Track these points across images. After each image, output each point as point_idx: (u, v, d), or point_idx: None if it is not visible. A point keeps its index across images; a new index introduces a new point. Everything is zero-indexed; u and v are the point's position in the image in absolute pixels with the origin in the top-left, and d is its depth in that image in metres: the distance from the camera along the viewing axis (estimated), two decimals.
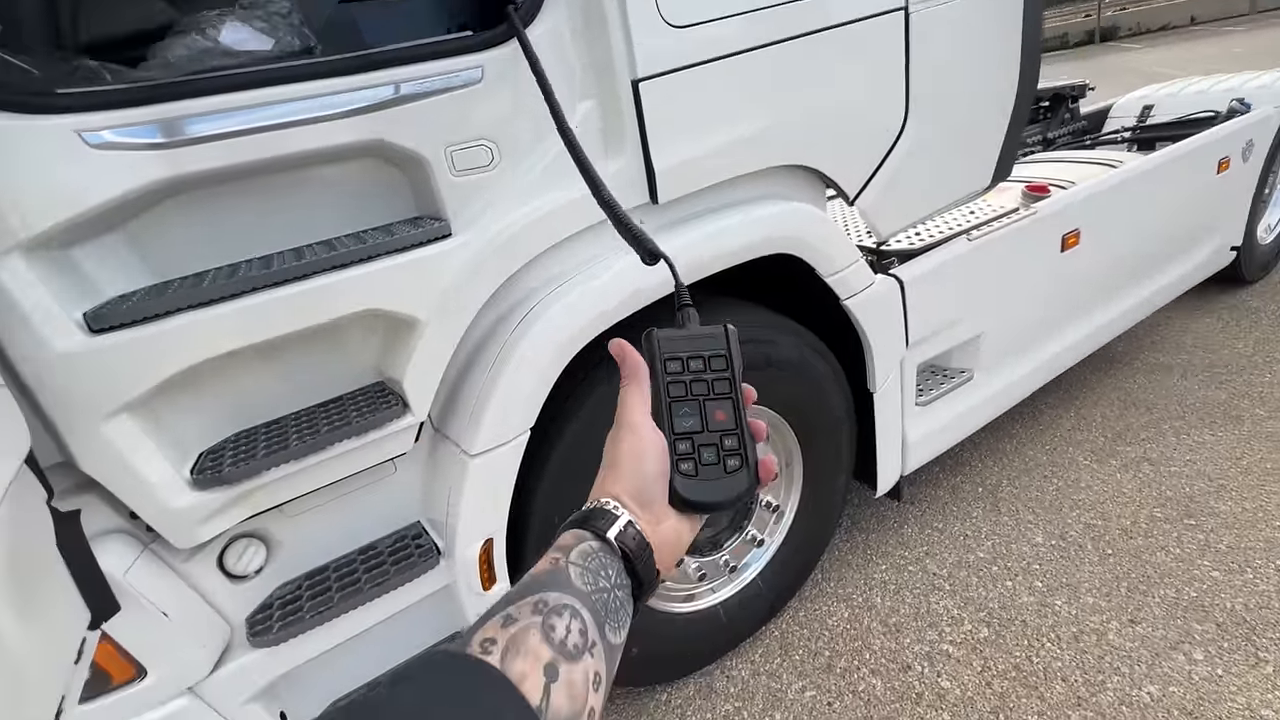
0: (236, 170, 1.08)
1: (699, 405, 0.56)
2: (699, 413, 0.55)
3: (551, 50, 1.26)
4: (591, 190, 0.84)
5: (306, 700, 1.40)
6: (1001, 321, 2.19)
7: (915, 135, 1.72)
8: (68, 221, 0.98)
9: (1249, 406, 2.65)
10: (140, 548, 1.16)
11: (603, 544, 0.48)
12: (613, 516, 0.49)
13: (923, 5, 1.61)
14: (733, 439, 0.55)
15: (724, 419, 0.55)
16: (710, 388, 0.56)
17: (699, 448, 0.54)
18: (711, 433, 0.55)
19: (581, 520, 0.50)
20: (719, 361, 0.57)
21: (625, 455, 0.52)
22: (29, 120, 0.95)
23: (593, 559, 0.47)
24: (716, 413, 0.55)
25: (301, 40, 1.20)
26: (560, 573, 0.45)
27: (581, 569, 0.45)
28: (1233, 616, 1.80)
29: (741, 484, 0.53)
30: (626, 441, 0.53)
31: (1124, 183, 2.46)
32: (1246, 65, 3.61)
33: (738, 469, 0.54)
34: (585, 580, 0.45)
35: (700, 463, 0.54)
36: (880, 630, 1.98)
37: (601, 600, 0.45)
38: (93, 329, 1.01)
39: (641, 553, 0.49)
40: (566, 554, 0.46)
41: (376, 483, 1.42)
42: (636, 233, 0.70)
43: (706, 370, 0.57)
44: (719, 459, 0.54)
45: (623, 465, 0.52)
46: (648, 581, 0.50)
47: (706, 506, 0.54)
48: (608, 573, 0.47)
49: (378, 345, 1.31)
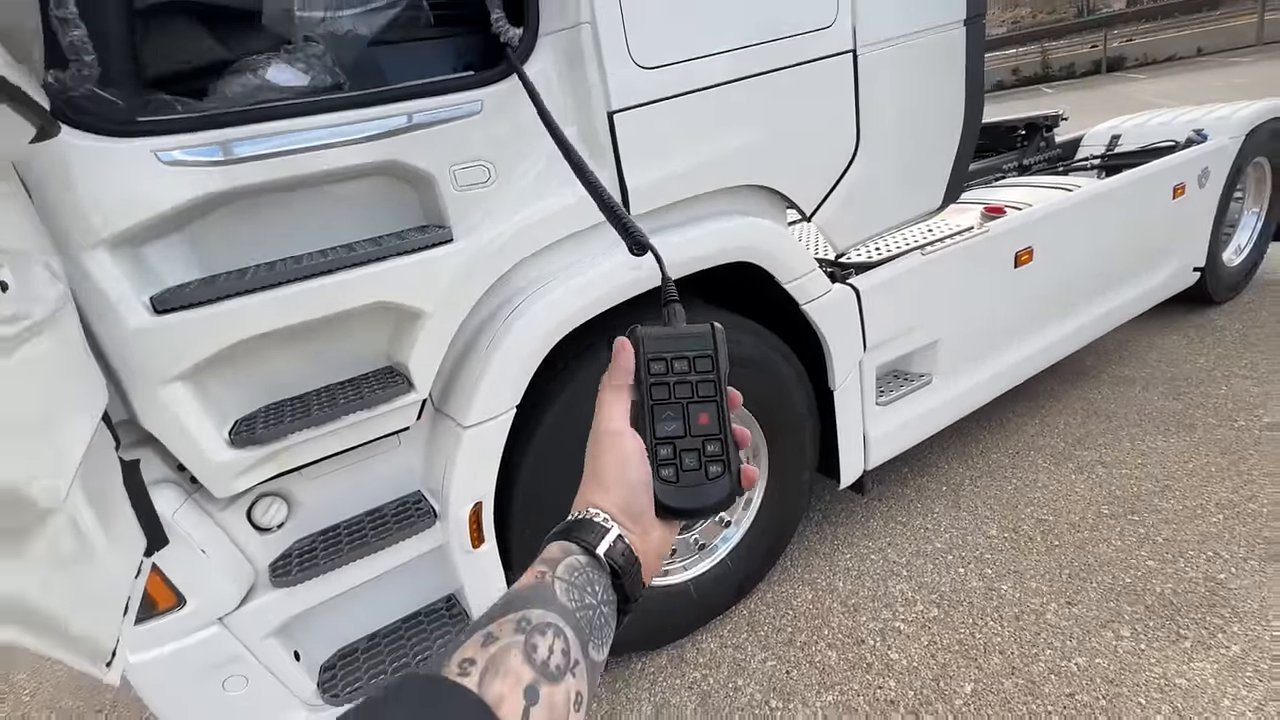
0: (277, 184, 1.32)
1: (682, 409, 0.53)
2: (681, 416, 0.53)
3: (541, 86, 1.49)
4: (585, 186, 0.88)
5: (318, 643, 1.61)
6: (957, 330, 2.39)
7: (866, 161, 1.94)
8: (142, 223, 1.22)
9: (1202, 416, 2.82)
10: (185, 495, 1.38)
11: (590, 559, 0.46)
12: (602, 530, 0.48)
13: (869, 49, 1.84)
14: (715, 444, 0.53)
15: (707, 423, 0.53)
16: (694, 390, 0.54)
17: (680, 453, 0.52)
18: (694, 437, 0.53)
19: (567, 531, 0.48)
20: (704, 363, 0.55)
21: (609, 465, 0.50)
22: (115, 142, 1.20)
23: (579, 574, 0.45)
24: (700, 416, 0.53)
25: (333, 78, 1.44)
26: (545, 588, 0.43)
27: (567, 584, 0.44)
28: (1161, 599, 1.96)
29: (723, 490, 0.52)
30: (609, 450, 0.51)
31: (1077, 205, 2.67)
32: (1248, 96, 3.82)
33: (719, 475, 0.52)
34: (570, 597, 0.43)
35: (681, 468, 0.52)
36: (840, 610, 2.16)
37: (586, 617, 0.43)
38: (157, 310, 1.24)
39: (630, 568, 0.48)
40: (553, 568, 0.45)
41: (383, 454, 1.64)
42: (627, 224, 0.69)
43: (691, 371, 0.54)
44: (700, 464, 0.52)
45: (607, 476, 0.50)
46: (634, 597, 0.48)
47: (686, 514, 0.53)
48: (594, 589, 0.45)
49: (388, 333, 1.53)
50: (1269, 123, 3.39)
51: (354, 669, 1.59)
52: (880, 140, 1.95)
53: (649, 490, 0.51)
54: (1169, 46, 23.69)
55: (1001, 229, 2.43)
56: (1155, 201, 2.97)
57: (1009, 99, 20.90)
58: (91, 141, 1.16)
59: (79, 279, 1.16)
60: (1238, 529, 2.18)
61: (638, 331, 0.56)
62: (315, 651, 1.61)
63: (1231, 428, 2.70)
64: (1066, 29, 30.90)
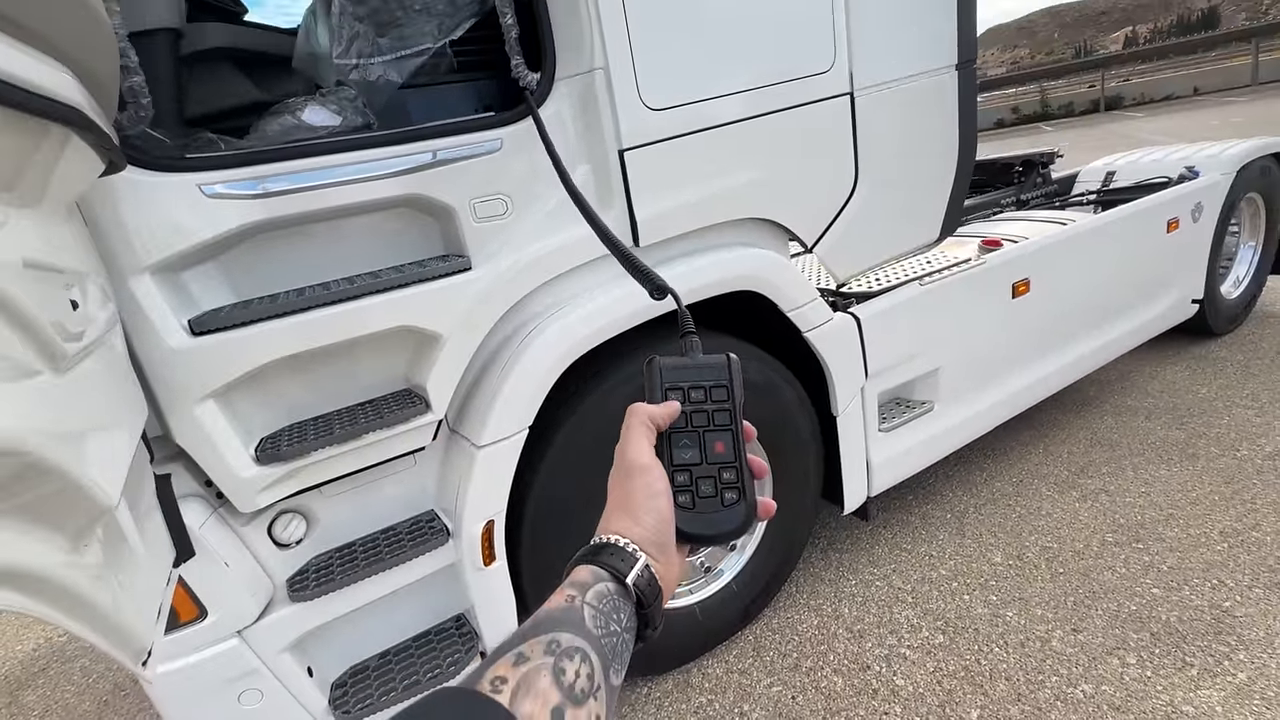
0: (310, 216, 1.41)
1: (698, 436, 0.55)
2: (698, 444, 0.55)
3: (556, 126, 1.60)
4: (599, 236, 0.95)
5: (331, 660, 1.64)
6: (957, 358, 2.44)
7: (865, 196, 2.03)
8: (184, 251, 1.31)
9: (1205, 445, 2.84)
10: (211, 510, 1.44)
11: (619, 587, 0.48)
12: (632, 559, 0.49)
13: (865, 91, 1.95)
14: (731, 472, 0.54)
15: (723, 451, 0.55)
16: (710, 419, 0.55)
17: (697, 480, 0.54)
18: (710, 465, 0.54)
19: (594, 554, 0.50)
20: (720, 393, 0.56)
21: (640, 496, 0.52)
22: (164, 176, 1.29)
23: (607, 601, 0.47)
24: (716, 444, 0.55)
25: (363, 118, 1.55)
26: (575, 612, 0.45)
27: (595, 611, 0.46)
28: (1167, 627, 1.97)
29: (738, 518, 0.53)
30: (640, 482, 0.52)
31: (1072, 238, 2.75)
32: (1245, 134, 3.94)
33: (735, 502, 0.53)
34: (597, 623, 0.45)
35: (697, 495, 0.53)
36: (845, 636, 2.16)
37: (610, 644, 0.45)
38: (194, 332, 1.32)
39: (654, 598, 0.49)
40: (582, 593, 0.46)
41: (399, 474, 1.69)
42: (644, 270, 0.73)
43: (707, 401, 0.56)
44: (716, 492, 0.53)
45: (638, 507, 0.52)
46: (655, 624, 0.50)
47: (702, 539, 0.54)
48: (619, 616, 0.47)
49: (407, 356, 1.61)
50: (1259, 160, 3.48)
51: (365, 686, 1.61)
52: (878, 176, 2.05)
53: (673, 524, 0.52)
54: (1166, 86, 24.23)
55: (998, 261, 2.51)
56: (1149, 235, 3.04)
57: (1010, 136, 21.27)
58: (142, 176, 1.26)
59: (124, 301, 1.24)
60: (1242, 557, 2.18)
61: (656, 361, 0.58)
62: (328, 668, 1.64)
63: (1234, 457, 2.72)
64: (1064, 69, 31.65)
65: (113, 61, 0.81)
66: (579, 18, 1.54)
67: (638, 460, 0.53)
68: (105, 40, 0.75)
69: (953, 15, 2.07)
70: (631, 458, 0.53)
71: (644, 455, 0.53)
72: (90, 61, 0.70)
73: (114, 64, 0.82)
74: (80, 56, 0.67)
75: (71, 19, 0.65)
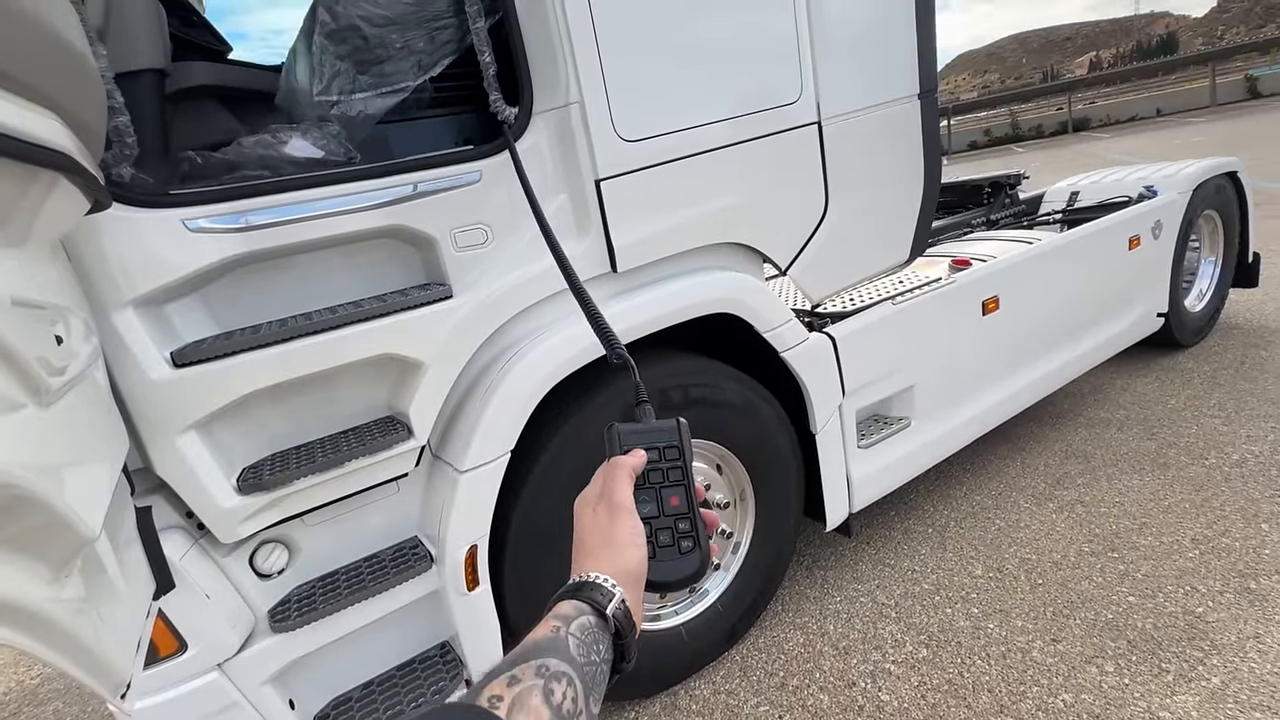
0: (293, 248, 1.44)
1: (655, 492, 0.61)
2: (655, 499, 0.61)
3: (534, 157, 1.65)
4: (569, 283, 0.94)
5: (313, 691, 1.62)
6: (932, 375, 2.50)
7: (835, 220, 2.10)
8: (168, 284, 1.33)
9: (1175, 455, 2.91)
10: (192, 541, 1.44)
11: (600, 619, 0.52)
12: (610, 594, 0.53)
13: (833, 120, 2.03)
14: (686, 522, 0.60)
15: (677, 504, 0.61)
16: (665, 475, 0.62)
17: (656, 531, 0.59)
18: (667, 517, 0.60)
19: (575, 591, 0.54)
20: (672, 452, 0.63)
21: (627, 537, 0.57)
22: (148, 212, 1.32)
23: (589, 633, 0.50)
24: (671, 499, 0.61)
25: (345, 151, 1.59)
26: (560, 641, 0.48)
27: (579, 641, 0.49)
28: (1143, 634, 2.00)
29: (694, 564, 0.59)
30: (628, 523, 0.57)
31: (1037, 257, 2.84)
32: (1205, 152, 4.12)
33: (690, 550, 0.59)
34: (581, 652, 0.48)
35: (657, 544, 0.59)
36: (831, 653, 2.17)
37: (590, 673, 0.48)
38: (176, 364, 1.34)
39: (630, 630, 0.53)
40: (567, 625, 0.50)
41: (382, 501, 1.70)
42: (608, 333, 0.78)
43: (661, 460, 0.62)
44: (674, 541, 0.59)
45: (626, 545, 0.56)
46: (629, 656, 0.54)
47: (664, 586, 0.59)
48: (599, 647, 0.50)
49: (389, 384, 1.63)
50: (1213, 179, 3.64)
51: (348, 718, 1.60)
52: (847, 201, 2.12)
53: (646, 565, 0.57)
54: (1130, 108, 25.20)
55: (968, 279, 2.59)
56: (1112, 252, 3.15)
57: (983, 158, 21.84)
58: (126, 212, 1.28)
59: (107, 335, 1.26)
60: (1213, 563, 2.24)
61: (615, 427, 0.64)
62: (310, 700, 1.62)
63: (1203, 465, 2.79)
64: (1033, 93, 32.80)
65: (100, 106, 0.84)
66: (554, 55, 1.60)
67: (625, 503, 0.58)
68: (93, 86, 0.79)
69: (914, 47, 2.17)
70: (619, 500, 0.58)
71: (630, 500, 0.59)
72: (78, 107, 0.73)
73: (101, 108, 0.85)
74: (68, 103, 0.70)
75: (59, 68, 0.68)
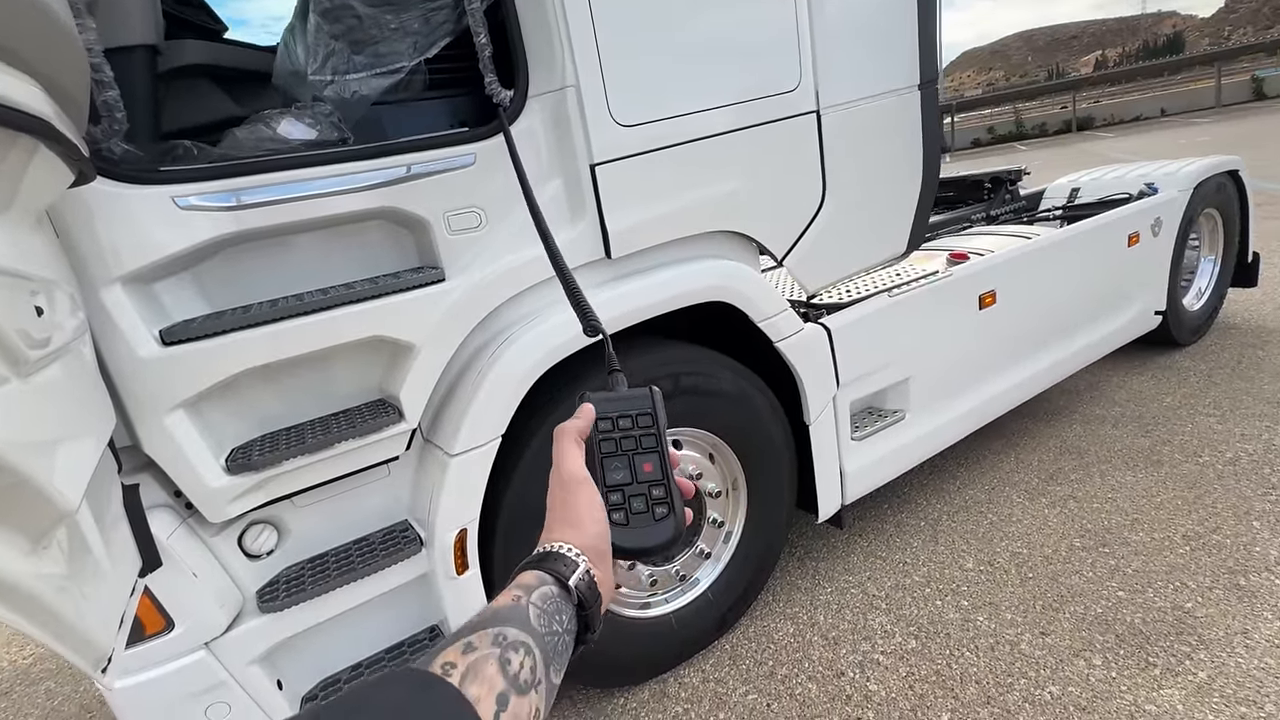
0: (284, 228, 1.43)
1: (628, 459, 0.60)
2: (629, 466, 0.59)
3: (529, 141, 1.64)
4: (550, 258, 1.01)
5: (301, 673, 1.62)
6: (927, 368, 2.50)
7: (833, 210, 2.09)
8: (157, 262, 1.32)
9: (1169, 453, 2.91)
10: (180, 520, 1.44)
11: (562, 589, 0.51)
12: (573, 564, 0.52)
13: (831, 109, 2.02)
14: (660, 489, 0.59)
15: (651, 470, 0.59)
16: (638, 443, 0.60)
17: (629, 498, 0.58)
18: (640, 484, 0.59)
19: (539, 562, 0.53)
20: (645, 419, 0.62)
21: (583, 507, 0.56)
22: (138, 189, 1.31)
23: (550, 602, 0.49)
24: (644, 465, 0.60)
25: (339, 132, 1.58)
26: (520, 610, 0.48)
27: (540, 610, 0.48)
28: (1131, 629, 2.01)
29: (668, 530, 0.58)
30: (583, 493, 0.56)
31: (1036, 251, 2.83)
32: (1210, 152, 4.11)
33: (665, 516, 0.58)
34: (541, 622, 0.48)
35: (631, 511, 0.58)
36: (820, 643, 2.18)
37: (552, 643, 0.48)
38: (165, 342, 1.33)
39: (594, 601, 0.52)
40: (528, 594, 0.49)
41: (372, 484, 1.70)
42: (583, 305, 0.79)
43: (634, 427, 0.61)
44: (648, 507, 0.58)
45: (581, 517, 0.55)
46: (594, 628, 0.53)
47: (636, 553, 0.58)
48: (561, 617, 0.50)
49: (381, 367, 1.62)
50: (1214, 177, 3.62)
51: None
52: (845, 191, 2.11)
53: (609, 535, 0.56)
54: (1135, 107, 25.13)
55: (965, 273, 2.58)
56: (1111, 248, 3.14)
57: (986, 155, 21.77)
58: (115, 188, 1.27)
59: (95, 311, 1.25)
60: (1203, 560, 2.24)
61: (587, 396, 0.63)
62: (298, 681, 1.62)
63: (1196, 463, 2.80)
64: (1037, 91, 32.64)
65: (82, 74, 0.83)
66: (550, 37, 1.59)
67: (575, 473, 0.57)
68: (74, 53, 0.78)
69: (914, 37, 2.15)
70: (570, 471, 0.57)
71: (580, 469, 0.58)
72: (58, 74, 0.72)
73: (83, 77, 0.84)
74: (47, 69, 0.69)
75: (37, 33, 0.67)
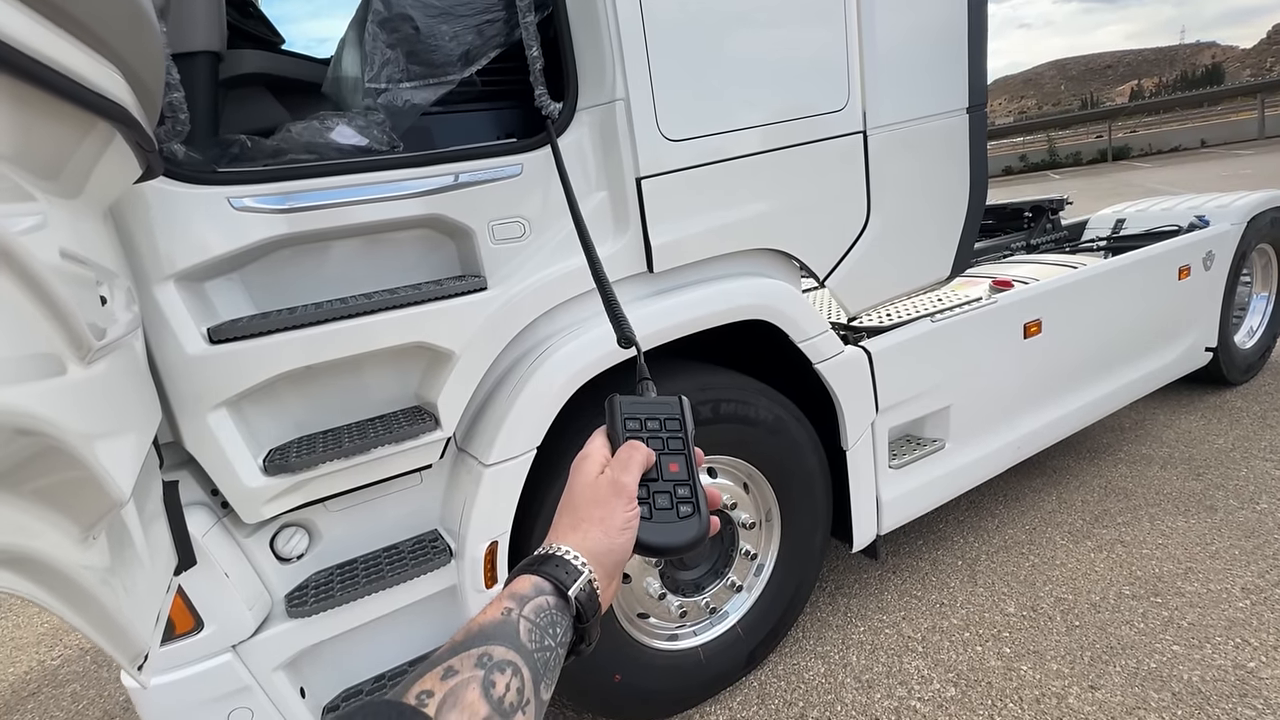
0: (333, 231, 1.45)
1: (655, 458, 0.59)
2: (655, 464, 0.59)
3: (576, 153, 1.64)
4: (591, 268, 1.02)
5: (324, 681, 1.60)
6: (969, 396, 2.42)
7: (877, 231, 2.05)
8: (209, 261, 1.34)
9: (1223, 498, 2.77)
10: (215, 519, 1.43)
11: (560, 599, 0.48)
12: (577, 572, 0.49)
13: (879, 130, 1.99)
14: (685, 488, 0.58)
15: (677, 471, 0.59)
16: (665, 444, 0.61)
17: (654, 494, 0.58)
18: (666, 481, 0.59)
19: (539, 564, 0.50)
20: (674, 424, 0.62)
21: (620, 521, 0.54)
22: (195, 189, 1.33)
23: (545, 615, 0.46)
24: (671, 465, 0.59)
25: (389, 140, 1.60)
26: (510, 625, 0.45)
27: (531, 625, 0.45)
28: (1189, 687, 1.88)
29: (693, 529, 0.57)
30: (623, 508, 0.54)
31: (1083, 281, 2.75)
32: (1254, 186, 3.99)
33: (690, 515, 0.57)
34: (532, 638, 0.45)
35: (654, 507, 0.57)
36: (853, 685, 2.09)
37: (543, 659, 0.45)
38: (213, 340, 1.34)
39: (593, 614, 0.50)
40: (521, 606, 0.46)
41: (405, 492, 1.68)
42: (620, 316, 0.79)
43: (662, 430, 0.61)
44: (673, 505, 0.57)
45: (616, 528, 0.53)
46: (590, 640, 0.51)
47: (659, 550, 0.56)
48: (555, 630, 0.47)
49: (419, 374, 1.61)
50: (1269, 211, 3.50)
51: None
52: (890, 213, 2.07)
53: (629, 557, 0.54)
54: (1173, 138, 24.62)
55: (1010, 300, 2.51)
56: (1161, 281, 3.04)
57: (1018, 183, 21.51)
58: (174, 186, 1.29)
59: (147, 307, 1.26)
60: (1266, 615, 2.11)
61: (615, 398, 0.63)
62: (321, 690, 1.59)
63: (1254, 510, 2.65)
64: (1072, 119, 32.23)
65: (159, 69, 0.85)
66: (602, 51, 1.59)
67: (630, 488, 0.56)
68: (154, 46, 0.79)
69: (964, 61, 2.13)
70: (625, 483, 0.56)
71: (635, 488, 0.56)
72: (138, 65, 0.73)
73: (160, 71, 0.85)
74: (129, 59, 0.70)
75: (124, 21, 0.68)
